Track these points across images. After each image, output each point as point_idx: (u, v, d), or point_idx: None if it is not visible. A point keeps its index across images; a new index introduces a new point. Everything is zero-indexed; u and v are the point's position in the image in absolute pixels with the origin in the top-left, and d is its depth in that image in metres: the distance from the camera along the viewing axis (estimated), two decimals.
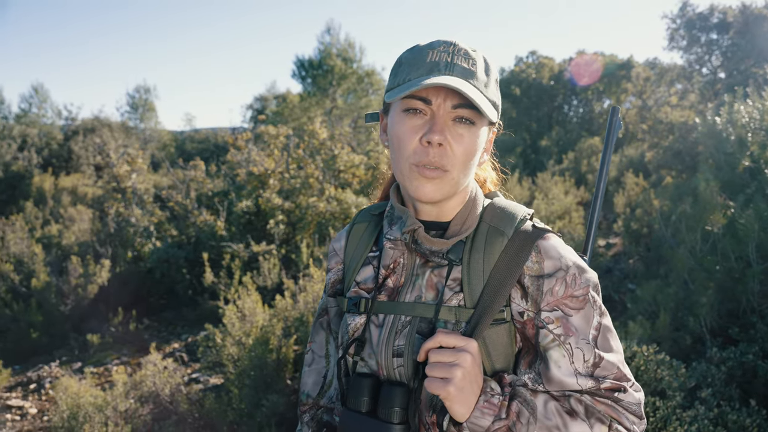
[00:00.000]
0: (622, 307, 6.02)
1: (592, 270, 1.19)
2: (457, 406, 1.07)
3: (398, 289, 1.24)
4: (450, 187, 1.16)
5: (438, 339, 1.10)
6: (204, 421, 4.11)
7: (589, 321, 1.14)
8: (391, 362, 1.20)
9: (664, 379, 2.95)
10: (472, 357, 1.08)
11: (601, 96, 19.45)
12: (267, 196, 7.88)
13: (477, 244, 1.19)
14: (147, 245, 7.80)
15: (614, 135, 1.49)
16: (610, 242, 9.10)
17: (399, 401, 1.14)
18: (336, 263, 1.40)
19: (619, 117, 1.51)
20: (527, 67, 19.46)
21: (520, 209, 1.23)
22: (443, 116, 1.13)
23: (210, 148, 20.12)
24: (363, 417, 1.16)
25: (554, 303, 1.14)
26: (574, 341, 1.12)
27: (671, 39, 14.04)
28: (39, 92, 24.64)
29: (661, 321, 4.28)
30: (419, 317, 1.19)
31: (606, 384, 1.12)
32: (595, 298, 1.16)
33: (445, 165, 1.14)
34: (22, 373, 5.87)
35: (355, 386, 1.19)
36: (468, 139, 1.14)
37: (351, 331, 1.26)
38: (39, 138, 18.06)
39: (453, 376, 1.06)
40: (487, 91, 1.16)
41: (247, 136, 9.63)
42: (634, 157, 13.03)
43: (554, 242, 1.18)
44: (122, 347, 6.38)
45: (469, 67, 1.14)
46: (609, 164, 1.49)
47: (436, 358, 1.09)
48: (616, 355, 1.14)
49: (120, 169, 9.07)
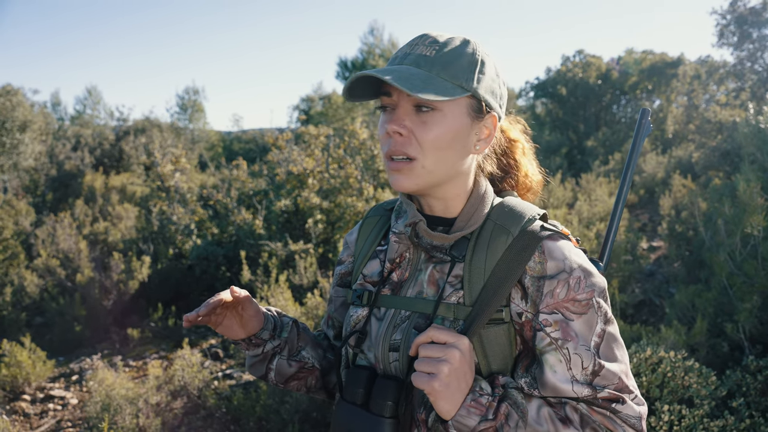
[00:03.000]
0: (662, 312, 5.85)
1: (601, 276, 1.16)
2: (441, 403, 1.06)
3: (402, 283, 1.25)
4: (424, 176, 1.15)
5: (429, 334, 1.09)
6: (232, 416, 4.18)
7: (592, 327, 1.10)
8: (388, 356, 1.20)
9: (692, 386, 2.85)
10: (461, 354, 1.06)
11: (650, 95, 18.94)
12: (305, 196, 7.96)
13: (481, 242, 1.17)
14: (188, 242, 7.97)
15: (642, 139, 1.42)
16: (653, 245, 8.85)
17: (392, 395, 1.14)
18: (347, 256, 1.43)
19: (649, 120, 1.44)
20: (574, 66, 19.10)
21: (530, 209, 1.20)
22: (404, 106, 1.14)
23: (256, 149, 20.45)
24: (357, 409, 1.17)
25: (554, 305, 1.11)
26: (572, 346, 1.09)
27: (721, 35, 13.57)
28: (93, 94, 25.55)
29: (697, 327, 4.14)
30: (418, 313, 1.19)
31: (604, 393, 1.08)
32: (601, 304, 1.12)
33: (408, 152, 1.13)
34: (65, 364, 6.08)
35: (352, 378, 1.20)
36: (433, 126, 1.13)
37: (353, 323, 1.28)
38: (92, 138, 18.69)
39: (439, 372, 1.05)
40: (447, 72, 1.12)
41: (287, 136, 9.76)
42: (682, 157, 12.66)
43: (561, 243, 1.15)
44: (161, 342, 6.54)
45: (428, 53, 1.13)
46: (634, 170, 1.42)
47: (425, 353, 1.08)
48: (619, 365, 1.10)
49: (164, 168, 9.30)
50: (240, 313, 1.31)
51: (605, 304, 1.13)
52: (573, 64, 19.31)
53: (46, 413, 5.12)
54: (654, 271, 7.48)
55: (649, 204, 11.72)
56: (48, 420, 4.97)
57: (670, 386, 2.86)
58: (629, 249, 6.90)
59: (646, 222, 10.63)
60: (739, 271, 4.18)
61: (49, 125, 18.35)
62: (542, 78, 20.05)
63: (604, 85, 18.81)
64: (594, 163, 14.24)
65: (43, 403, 5.27)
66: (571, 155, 16.89)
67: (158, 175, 9.48)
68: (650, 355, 2.98)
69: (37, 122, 14.94)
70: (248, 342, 1.34)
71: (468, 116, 1.17)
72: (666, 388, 2.87)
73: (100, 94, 27.82)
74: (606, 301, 1.14)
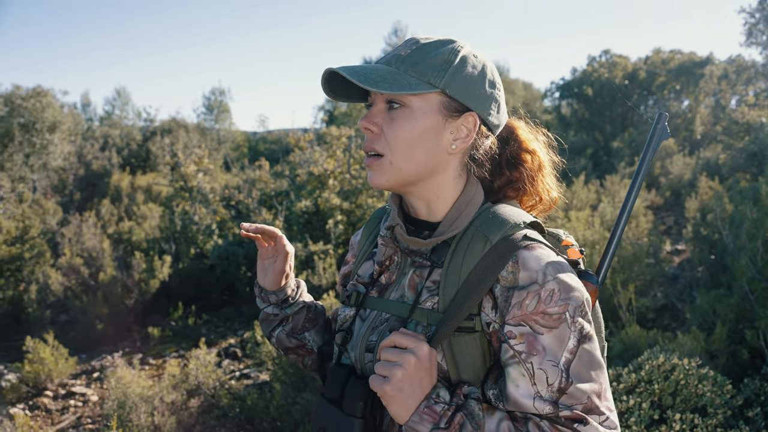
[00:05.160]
0: (684, 317, 5.74)
1: (582, 290, 1.11)
2: (393, 407, 1.06)
3: (388, 285, 1.26)
4: (392, 173, 1.16)
5: (392, 338, 1.10)
6: (245, 416, 4.21)
7: (563, 342, 1.05)
8: (364, 356, 1.21)
9: (705, 395, 2.80)
10: (416, 360, 1.06)
11: (679, 95, 18.63)
12: (326, 197, 7.99)
13: (460, 248, 1.15)
14: (209, 242, 8.06)
15: (656, 145, 1.31)
16: (678, 248, 8.69)
17: (363, 396, 1.14)
18: (351, 257, 1.46)
19: (666, 125, 1.33)
20: (600, 66, 18.87)
21: (517, 216, 1.17)
22: (378, 104, 1.17)
23: (279, 149, 20.60)
24: (332, 407, 1.18)
25: (521, 317, 1.07)
26: (537, 361, 1.05)
27: (749, 34, 13.27)
28: (121, 95, 25.95)
29: (717, 333, 4.06)
30: (396, 316, 1.20)
31: (566, 412, 1.04)
32: (576, 319, 1.07)
33: (376, 149, 1.16)
34: (87, 362, 6.18)
35: (331, 376, 1.22)
36: (400, 122, 1.14)
37: (340, 322, 1.30)
38: (120, 138, 19.00)
39: (392, 376, 1.05)
40: (416, 69, 1.13)
41: (309, 137, 9.80)
42: (710, 159, 12.42)
43: (538, 253, 1.11)
44: (181, 341, 6.62)
45: (403, 52, 1.15)
46: (644, 176, 1.32)
47: (384, 356, 1.09)
48: (591, 385, 1.05)
49: (187, 169, 9.41)
50: (273, 264, 1.42)
51: (583, 319, 1.08)
52: (599, 64, 19.08)
53: (67, 409, 5.21)
54: (677, 275, 7.35)
55: (675, 206, 11.53)
56: (69, 416, 5.06)
57: (683, 394, 2.81)
58: (651, 252, 6.79)
59: (671, 225, 10.45)
60: (761, 276, 4.09)
61: (78, 126, 18.70)
62: (568, 78, 19.86)
63: (631, 85, 18.55)
64: (619, 165, 14.04)
65: (65, 400, 5.37)
66: (596, 156, 16.66)
67: (181, 176, 9.60)
68: (663, 362, 2.92)
69: (66, 123, 15.24)
70: (259, 290, 1.45)
71: (439, 114, 1.15)
72: (679, 396, 2.82)
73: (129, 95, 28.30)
74: (585, 317, 1.09)
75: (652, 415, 2.75)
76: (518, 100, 20.63)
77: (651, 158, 1.33)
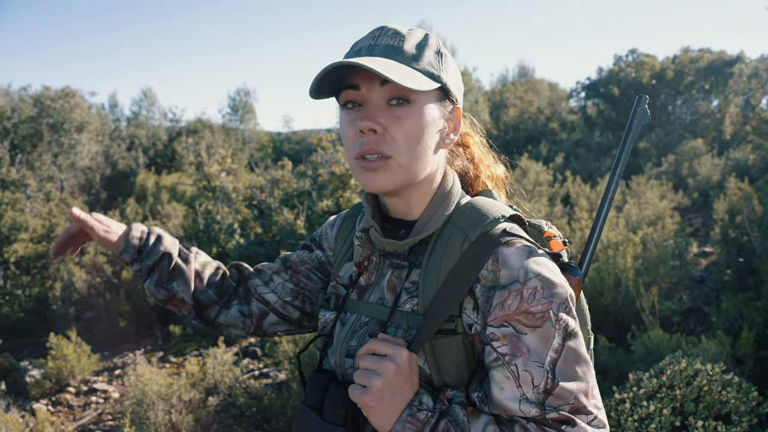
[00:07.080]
0: (710, 321, 5.61)
1: (566, 286, 1.06)
2: (374, 417, 1.02)
3: (368, 287, 1.21)
4: (400, 174, 1.09)
5: (370, 345, 1.06)
6: (262, 416, 4.21)
7: (548, 342, 1.01)
8: (344, 362, 1.17)
9: (729, 402, 2.71)
10: (396, 367, 1.01)
11: (707, 95, 18.29)
12: (347, 197, 7.98)
13: (438, 247, 1.10)
14: (231, 242, 8.10)
15: (637, 128, 1.29)
16: (705, 250, 8.52)
17: (343, 403, 1.11)
18: (328, 248, 1.41)
19: (646, 108, 1.30)
20: (626, 66, 18.60)
21: (496, 210, 1.12)
22: (375, 101, 1.08)
23: (304, 149, 20.68)
24: (313, 414, 1.14)
25: (504, 318, 1.02)
26: (522, 363, 1.00)
27: None
28: (148, 96, 26.28)
29: (744, 338, 3.95)
30: (376, 319, 1.15)
31: (553, 414, 0.99)
32: (560, 316, 1.02)
33: (383, 150, 1.07)
34: (109, 359, 6.25)
35: (312, 383, 1.17)
36: (408, 120, 1.07)
37: (321, 326, 1.26)
38: (146, 138, 19.24)
39: (371, 385, 1.01)
40: (419, 63, 1.08)
41: (331, 136, 9.81)
42: (740, 159, 12.16)
43: (519, 250, 1.05)
44: (202, 339, 6.66)
45: (395, 43, 1.08)
46: (625, 163, 1.28)
47: (363, 364, 1.04)
48: (578, 384, 1.01)
49: (210, 169, 9.47)
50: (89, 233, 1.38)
51: (567, 316, 1.04)
52: (626, 64, 18.82)
53: (89, 405, 5.27)
54: (704, 278, 7.20)
55: (704, 208, 11.31)
56: (90, 412, 5.12)
57: (705, 401, 2.73)
58: (677, 254, 6.65)
59: (698, 226, 10.25)
60: None
61: (105, 126, 18.98)
62: (594, 78, 19.61)
63: (658, 85, 18.26)
64: (646, 165, 13.83)
65: (87, 396, 5.44)
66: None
67: (204, 175, 9.67)
68: (685, 367, 2.84)
69: (93, 123, 15.48)
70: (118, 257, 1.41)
71: (438, 109, 1.12)
72: (702, 403, 2.74)
73: (155, 96, 28.60)
74: (569, 313, 1.04)
75: (674, 421, 2.68)
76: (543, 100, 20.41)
77: (633, 142, 1.30)
